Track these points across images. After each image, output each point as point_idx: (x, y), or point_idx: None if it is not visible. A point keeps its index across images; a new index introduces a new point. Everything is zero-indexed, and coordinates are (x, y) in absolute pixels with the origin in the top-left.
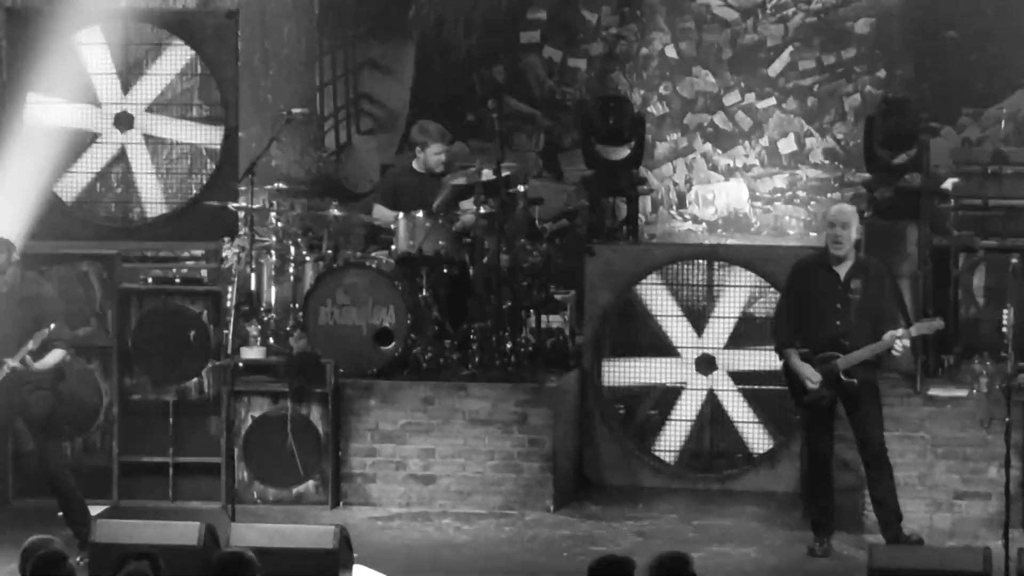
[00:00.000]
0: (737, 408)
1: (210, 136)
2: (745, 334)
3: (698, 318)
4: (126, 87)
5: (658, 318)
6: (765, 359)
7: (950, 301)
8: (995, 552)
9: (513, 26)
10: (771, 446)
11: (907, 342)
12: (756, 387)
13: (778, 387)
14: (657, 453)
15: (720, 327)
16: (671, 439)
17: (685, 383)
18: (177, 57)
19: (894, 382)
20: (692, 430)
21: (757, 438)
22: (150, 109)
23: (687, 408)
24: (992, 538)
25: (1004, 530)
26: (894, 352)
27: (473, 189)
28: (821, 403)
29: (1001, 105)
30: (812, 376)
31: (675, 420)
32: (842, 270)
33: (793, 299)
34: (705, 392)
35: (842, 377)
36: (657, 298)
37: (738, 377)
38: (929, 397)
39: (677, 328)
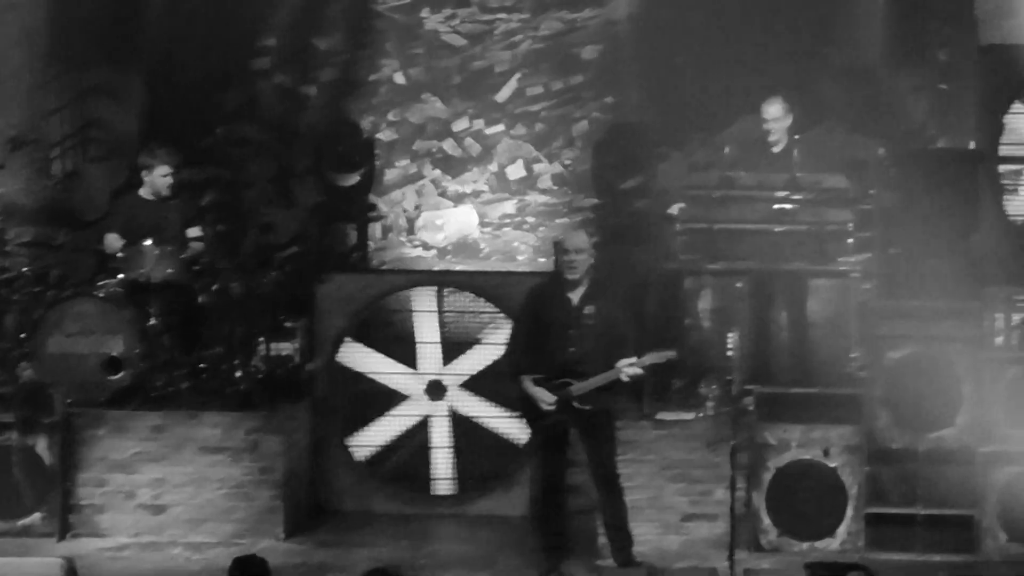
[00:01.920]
0: (469, 432)
1: None
2: (475, 358)
3: (429, 344)
4: None
5: (388, 343)
6: (496, 384)
7: (678, 325)
8: (721, 572)
9: (244, 52)
10: (505, 470)
11: (638, 370)
12: (488, 411)
13: (510, 412)
14: (391, 480)
15: (450, 352)
16: (405, 465)
17: (418, 410)
18: None
19: (624, 405)
20: (424, 456)
21: (491, 463)
22: None
23: (420, 434)
24: (718, 559)
25: (730, 551)
26: (623, 379)
27: (202, 215)
28: (555, 428)
29: (727, 130)
30: (547, 399)
31: (407, 446)
32: (576, 295)
33: (527, 324)
34: (437, 417)
35: (575, 404)
36: (387, 324)
37: (470, 401)
38: (657, 420)
39: (407, 354)
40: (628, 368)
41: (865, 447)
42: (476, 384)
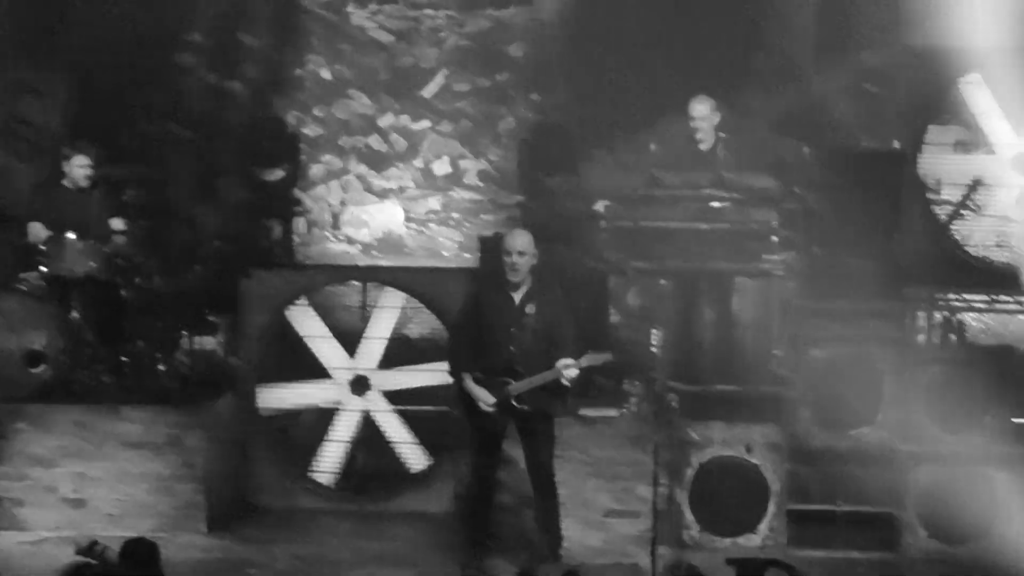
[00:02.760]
0: (392, 428)
1: None
2: (399, 355)
3: (352, 339)
4: None
5: (311, 340)
6: (419, 379)
7: (603, 323)
8: (643, 568)
9: (169, 48)
10: (426, 466)
11: (576, 371)
12: (410, 407)
13: (433, 408)
14: (314, 475)
15: (374, 348)
16: (328, 461)
17: (340, 404)
18: None
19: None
20: (348, 451)
21: (412, 458)
22: None
23: (343, 429)
24: (641, 555)
25: (652, 547)
26: (563, 382)
27: (125, 209)
28: (493, 427)
29: (653, 129)
30: (486, 398)
31: (331, 442)
32: (518, 295)
33: (469, 322)
34: (360, 413)
35: (514, 403)
36: (310, 320)
37: (392, 397)
38: (581, 417)
39: (331, 350)
40: (567, 370)
41: (787, 445)
42: (400, 399)
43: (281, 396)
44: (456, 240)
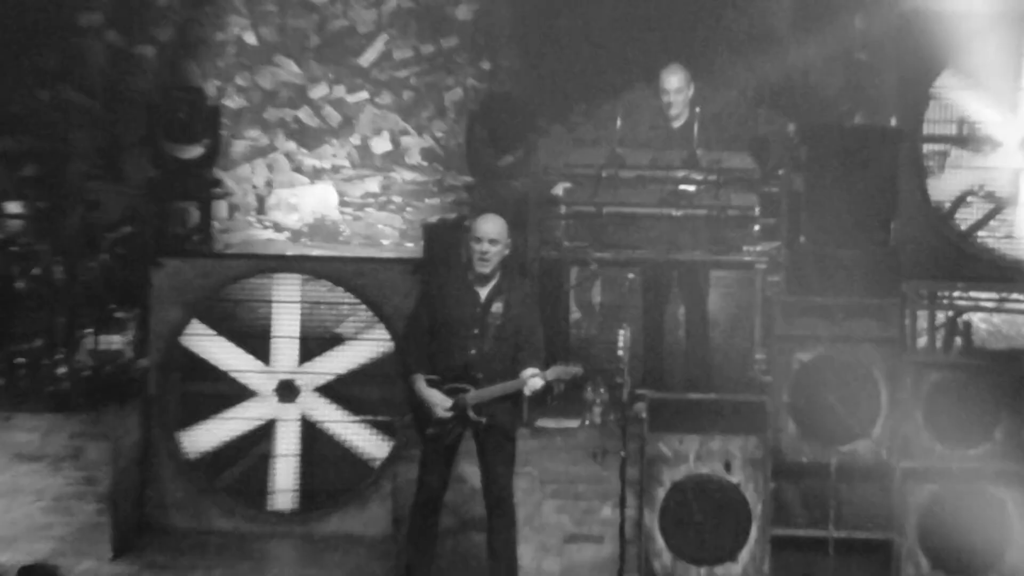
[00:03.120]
0: (322, 441)
1: None
2: (335, 359)
3: (280, 339)
4: None
5: (231, 339)
6: (355, 385)
7: (560, 321)
8: None
9: (69, 5)
10: (356, 488)
11: (540, 383)
12: (344, 421)
13: (370, 417)
14: (230, 493)
15: (306, 348)
16: (246, 476)
17: (264, 411)
18: None
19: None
20: (270, 466)
21: (346, 474)
22: None
23: (264, 441)
24: None
25: None
26: (526, 392)
27: (20, 189)
28: (446, 437)
29: (618, 101)
30: (443, 403)
31: (252, 455)
32: (484, 290)
33: (425, 318)
34: (285, 423)
35: (470, 414)
36: (231, 316)
37: (325, 405)
38: (537, 428)
39: (255, 350)
40: (531, 380)
41: (770, 461)
42: (333, 389)
43: (200, 400)
44: (397, 227)
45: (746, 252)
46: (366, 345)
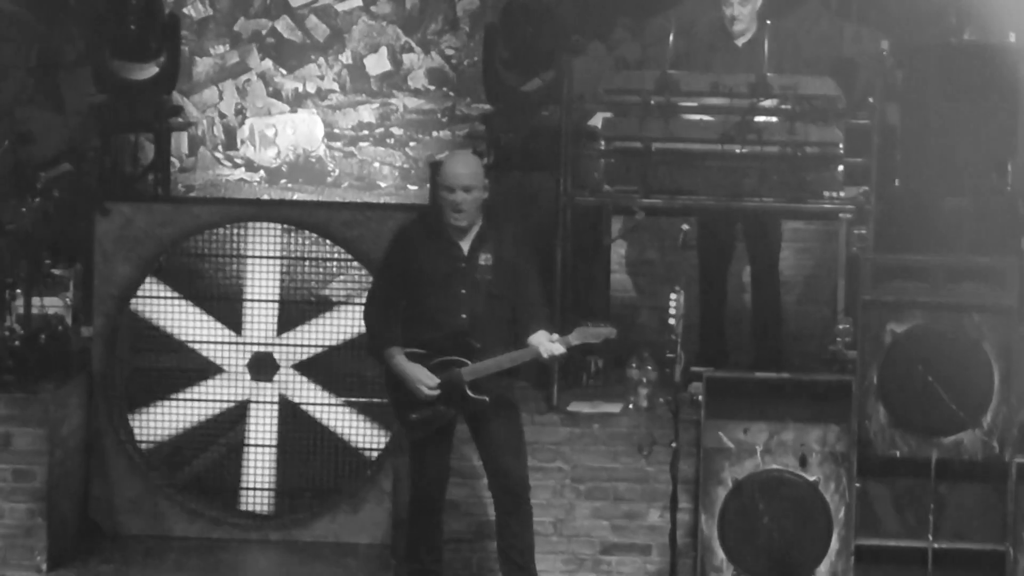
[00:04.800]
0: (306, 428)
1: None
2: (320, 325)
3: (252, 303)
4: None
5: (191, 303)
6: (346, 360)
7: (599, 281)
8: None
9: None
10: (348, 486)
11: (561, 349)
12: (331, 405)
13: (366, 399)
14: (193, 491)
15: (285, 314)
16: (213, 471)
17: (232, 394)
18: None
19: (521, 392)
20: (244, 459)
21: (335, 469)
22: None
23: (237, 429)
24: None
25: None
26: (542, 358)
27: None
28: (436, 423)
29: (670, 11)
30: (427, 380)
31: (220, 445)
32: (466, 242)
33: (397, 281)
34: (260, 404)
35: (468, 392)
36: (193, 275)
37: (309, 387)
38: (569, 414)
39: (223, 317)
40: (549, 344)
41: (856, 455)
42: (317, 366)
43: (163, 420)
44: (397, 165)
45: (827, 198)
46: (349, 315)
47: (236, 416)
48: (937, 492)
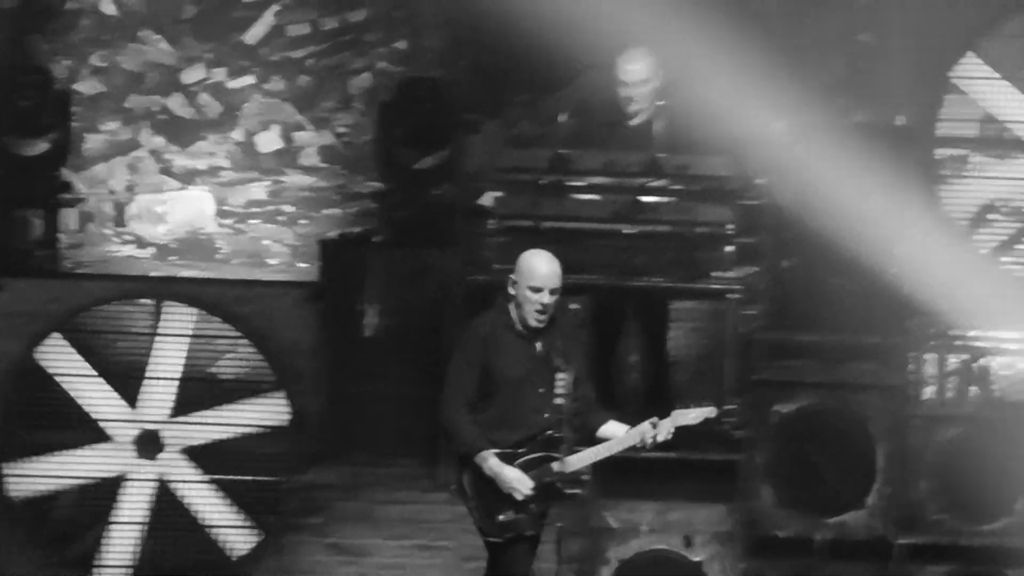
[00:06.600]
0: (201, 499)
1: None
2: (206, 400)
3: (140, 381)
4: None
5: (78, 381)
6: (230, 424)
7: None
8: None
9: None
10: (252, 546)
11: (669, 434)
12: (224, 475)
13: (251, 477)
14: (85, 572)
15: (174, 392)
16: (106, 550)
17: (123, 472)
18: None
19: (407, 471)
20: (136, 536)
21: (233, 538)
22: None
23: (129, 507)
24: None
25: None
26: (646, 444)
27: None
28: (525, 525)
29: (564, 91)
30: (526, 482)
31: (111, 524)
32: (539, 342)
33: (476, 383)
34: (153, 483)
35: (561, 487)
36: (79, 353)
37: (198, 459)
38: (454, 492)
39: (108, 395)
40: (652, 430)
41: (741, 535)
42: (208, 455)
43: (41, 457)
44: (288, 243)
45: (717, 279)
46: (263, 408)
47: (131, 491)
48: (822, 572)
